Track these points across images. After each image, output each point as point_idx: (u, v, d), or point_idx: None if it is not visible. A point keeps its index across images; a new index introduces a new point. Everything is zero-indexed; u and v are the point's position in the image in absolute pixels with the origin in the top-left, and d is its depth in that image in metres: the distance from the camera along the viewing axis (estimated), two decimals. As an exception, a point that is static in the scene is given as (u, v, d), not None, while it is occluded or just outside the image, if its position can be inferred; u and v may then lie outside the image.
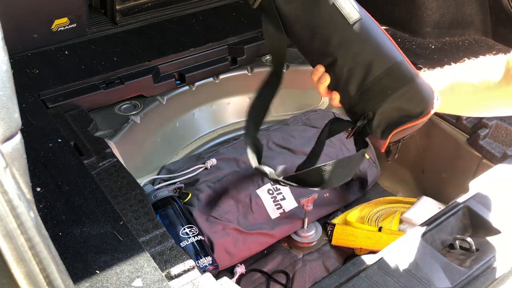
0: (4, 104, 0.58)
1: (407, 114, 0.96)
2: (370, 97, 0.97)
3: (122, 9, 2.06)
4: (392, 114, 0.97)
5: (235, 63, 1.97)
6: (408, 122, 0.96)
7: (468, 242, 1.16)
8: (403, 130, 0.97)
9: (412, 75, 0.96)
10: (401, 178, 1.93)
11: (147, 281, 0.99)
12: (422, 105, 0.96)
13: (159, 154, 1.83)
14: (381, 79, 0.95)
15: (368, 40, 0.97)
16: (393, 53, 0.96)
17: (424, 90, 0.96)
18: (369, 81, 0.96)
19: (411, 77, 0.95)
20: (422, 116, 0.96)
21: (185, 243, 1.42)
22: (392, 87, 0.95)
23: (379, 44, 0.97)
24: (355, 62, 0.97)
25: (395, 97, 0.95)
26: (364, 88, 0.97)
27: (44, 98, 1.62)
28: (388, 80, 0.95)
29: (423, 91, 0.96)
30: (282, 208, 1.64)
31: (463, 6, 1.93)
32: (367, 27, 0.97)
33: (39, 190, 1.20)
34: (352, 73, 0.97)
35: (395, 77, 0.95)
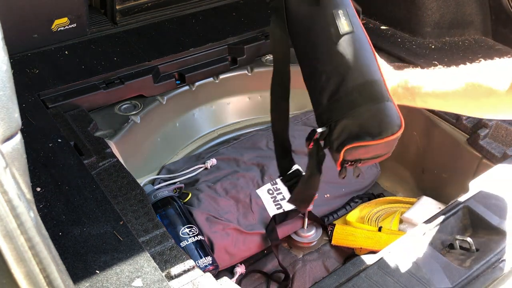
0: (4, 104, 0.58)
1: (366, 132, 0.95)
2: (337, 107, 0.97)
3: (122, 9, 2.06)
4: (352, 129, 0.96)
5: (235, 63, 1.97)
6: (363, 140, 0.95)
7: (468, 242, 1.16)
8: (358, 148, 0.97)
9: (383, 96, 0.96)
10: (401, 178, 1.93)
11: (147, 281, 0.99)
12: (383, 127, 0.95)
13: (159, 154, 1.83)
14: (352, 92, 0.96)
15: (350, 53, 0.98)
16: (371, 71, 0.98)
17: (391, 115, 0.96)
18: (341, 92, 0.97)
19: (381, 98, 0.96)
20: (379, 138, 0.95)
21: (185, 243, 1.42)
22: (359, 102, 0.96)
23: (360, 59, 0.98)
24: (333, 71, 0.98)
25: (359, 112, 0.96)
26: (335, 98, 0.97)
27: (44, 98, 1.62)
28: (358, 95, 0.96)
29: (389, 115, 0.96)
30: (282, 208, 1.64)
31: (463, 6, 1.93)
32: (355, 41, 0.99)
33: (39, 190, 1.20)
34: (328, 82, 0.98)
35: (366, 93, 0.96)
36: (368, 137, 0.95)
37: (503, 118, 1.50)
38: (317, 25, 1.01)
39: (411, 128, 1.83)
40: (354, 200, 1.81)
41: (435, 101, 1.03)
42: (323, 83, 0.99)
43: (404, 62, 1.84)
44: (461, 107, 1.02)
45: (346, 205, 1.79)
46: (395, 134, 0.96)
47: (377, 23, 2.07)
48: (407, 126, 1.98)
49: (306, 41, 1.04)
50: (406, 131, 1.95)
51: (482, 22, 1.95)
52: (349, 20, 0.99)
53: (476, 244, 1.16)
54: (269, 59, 2.02)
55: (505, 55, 0.98)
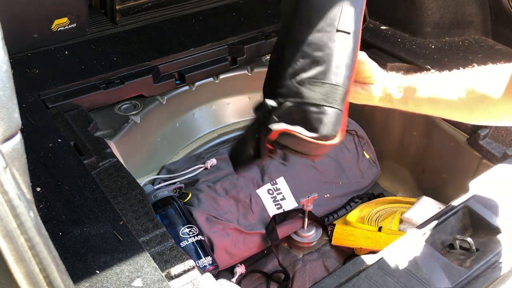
0: (4, 104, 0.58)
1: (306, 126, 0.97)
2: (296, 90, 0.98)
3: (122, 9, 2.06)
4: (296, 116, 0.98)
5: (235, 63, 1.97)
6: (299, 133, 0.97)
7: (468, 242, 1.16)
8: (291, 136, 0.98)
9: (337, 104, 0.98)
10: (401, 178, 1.93)
11: (147, 281, 0.99)
12: (321, 129, 0.97)
13: (159, 154, 1.83)
14: (314, 84, 0.97)
15: (334, 52, 0.98)
16: (343, 76, 0.99)
17: (333, 123, 0.98)
18: (307, 79, 0.98)
19: (335, 104, 0.98)
20: (312, 137, 0.97)
21: (185, 243, 1.42)
22: (316, 98, 0.97)
23: (339, 61, 0.99)
24: (311, 58, 0.98)
25: (310, 106, 0.97)
26: (299, 81, 0.98)
27: (44, 98, 1.62)
28: (319, 90, 0.97)
29: (332, 122, 0.98)
30: (282, 208, 1.64)
31: (463, 6, 1.93)
32: (344, 43, 0.99)
33: (39, 190, 1.20)
34: (301, 64, 0.99)
35: (325, 93, 0.97)
36: (305, 132, 0.97)
37: (496, 125, 1.50)
38: (325, 6, 1.00)
39: (411, 128, 1.83)
40: (354, 200, 1.81)
41: (428, 106, 1.03)
42: (296, 61, 1.00)
43: (404, 62, 1.84)
44: (454, 112, 1.02)
45: (346, 205, 1.79)
46: (327, 141, 0.98)
47: (377, 23, 2.07)
48: (407, 126, 1.98)
49: (305, 15, 1.03)
50: (406, 131, 1.97)
51: (482, 22, 1.95)
52: (353, 21, 0.99)
53: (476, 244, 1.16)
54: (269, 58, 2.02)
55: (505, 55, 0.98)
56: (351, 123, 1.91)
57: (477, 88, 0.95)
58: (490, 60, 1.04)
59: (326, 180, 1.77)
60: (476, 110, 0.97)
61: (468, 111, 0.99)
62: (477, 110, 0.97)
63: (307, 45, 1.01)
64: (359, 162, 1.85)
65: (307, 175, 1.74)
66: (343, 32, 0.98)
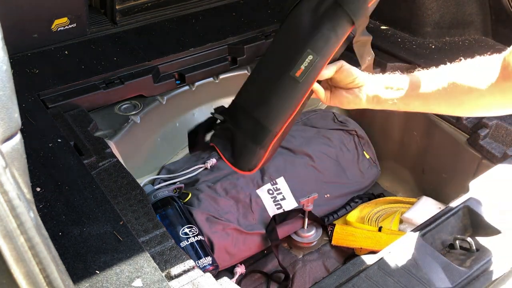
0: (4, 104, 0.58)
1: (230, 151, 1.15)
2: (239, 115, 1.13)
3: (122, 9, 2.06)
4: (228, 138, 1.15)
5: (235, 63, 1.97)
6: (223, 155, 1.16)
7: (468, 242, 1.16)
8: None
9: (261, 144, 1.11)
10: (401, 178, 1.93)
11: (147, 281, 0.99)
12: (240, 161, 1.15)
13: (159, 154, 1.83)
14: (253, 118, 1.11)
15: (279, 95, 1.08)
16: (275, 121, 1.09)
17: (251, 159, 1.13)
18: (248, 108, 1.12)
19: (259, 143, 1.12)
20: (231, 163, 1.16)
21: (185, 243, 1.42)
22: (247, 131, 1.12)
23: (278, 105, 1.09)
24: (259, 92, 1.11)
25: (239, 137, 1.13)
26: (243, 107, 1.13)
27: (44, 98, 1.62)
28: (252, 126, 1.11)
29: (250, 158, 1.13)
30: (282, 208, 1.64)
31: (463, 6, 1.93)
32: (291, 89, 1.07)
33: (39, 190, 1.20)
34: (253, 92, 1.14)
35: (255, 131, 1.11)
36: (227, 156, 1.15)
37: (485, 115, 1.50)
38: (289, 46, 1.08)
39: (411, 128, 1.83)
40: (354, 200, 1.81)
41: (417, 103, 1.05)
42: (249, 94, 1.14)
43: (404, 62, 1.84)
44: (444, 106, 1.04)
45: (346, 205, 1.79)
46: (242, 171, 1.17)
47: (377, 23, 2.07)
48: (407, 127, 1.99)
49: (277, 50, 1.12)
50: (406, 131, 1.97)
51: (482, 22, 1.95)
52: (307, 70, 1.05)
53: (476, 244, 1.16)
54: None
55: (505, 55, 0.99)
56: (351, 123, 1.91)
57: (464, 81, 0.97)
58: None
59: (326, 180, 1.77)
60: (466, 103, 0.99)
61: (458, 104, 1.00)
62: (466, 102, 0.99)
63: (261, 83, 1.12)
64: (359, 162, 1.85)
65: (307, 175, 1.74)
66: (292, 79, 1.05)
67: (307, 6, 1.07)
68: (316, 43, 1.04)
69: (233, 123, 1.13)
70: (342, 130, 1.87)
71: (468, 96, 0.97)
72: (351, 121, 1.93)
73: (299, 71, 1.04)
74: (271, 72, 1.09)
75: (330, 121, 1.91)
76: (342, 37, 1.07)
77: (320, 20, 1.05)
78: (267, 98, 1.08)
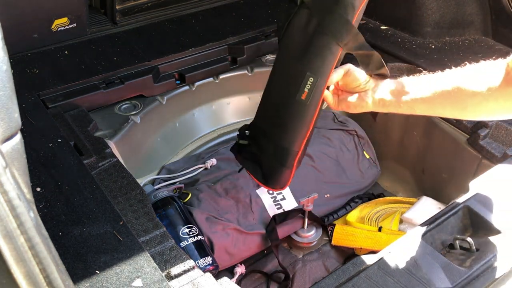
0: (4, 104, 0.58)
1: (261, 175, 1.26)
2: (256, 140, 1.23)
3: (122, 9, 2.06)
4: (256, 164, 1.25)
5: (235, 63, 1.97)
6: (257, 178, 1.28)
7: (468, 242, 1.16)
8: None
9: (287, 164, 1.20)
10: (401, 178, 1.93)
11: (147, 281, 0.99)
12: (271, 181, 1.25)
13: (159, 154, 1.83)
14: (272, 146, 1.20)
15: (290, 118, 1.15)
16: (294, 141, 1.16)
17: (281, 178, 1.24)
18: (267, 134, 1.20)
19: (285, 164, 1.21)
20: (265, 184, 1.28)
21: (185, 243, 1.42)
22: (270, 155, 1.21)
23: (293, 127, 1.15)
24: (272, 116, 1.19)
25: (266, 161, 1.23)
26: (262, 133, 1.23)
27: (44, 98, 1.62)
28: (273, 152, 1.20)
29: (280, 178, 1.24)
30: (282, 208, 1.64)
31: (463, 6, 1.93)
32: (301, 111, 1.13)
33: (39, 190, 1.20)
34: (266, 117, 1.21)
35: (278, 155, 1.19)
36: (258, 178, 1.27)
37: (489, 119, 1.51)
38: (290, 69, 1.12)
39: (411, 128, 1.83)
40: (354, 200, 1.81)
41: (422, 106, 1.05)
42: (264, 118, 1.21)
43: (404, 62, 1.84)
44: (448, 110, 1.04)
45: (346, 205, 1.79)
46: (274, 189, 1.37)
47: (377, 23, 2.07)
48: (407, 127, 1.98)
49: (279, 73, 1.17)
50: (406, 131, 1.97)
51: (482, 22, 1.95)
52: (311, 92, 1.08)
53: (476, 244, 1.16)
54: (269, 59, 2.02)
55: (505, 55, 0.99)
56: (351, 123, 1.91)
57: (468, 85, 0.97)
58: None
59: (326, 180, 1.77)
60: (469, 107, 0.99)
61: (462, 108, 1.01)
62: (470, 106, 0.99)
63: (273, 108, 1.17)
64: (359, 162, 1.85)
65: (307, 175, 1.74)
66: (300, 102, 1.09)
67: (297, 24, 1.09)
68: (313, 65, 1.06)
69: (257, 148, 1.21)
70: (342, 130, 1.87)
71: (472, 100, 0.97)
72: (351, 121, 1.93)
73: (304, 95, 1.08)
74: (279, 97, 1.14)
75: (330, 121, 1.91)
76: (337, 53, 1.07)
77: (311, 40, 1.06)
78: (282, 123, 1.14)
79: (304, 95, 1.07)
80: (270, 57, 2.03)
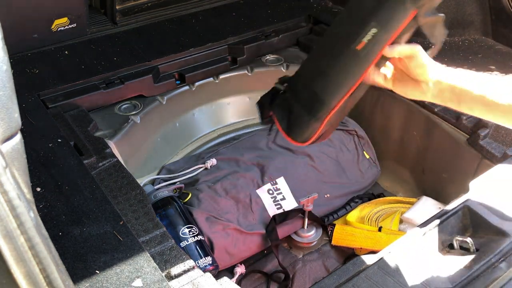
0: (4, 104, 0.58)
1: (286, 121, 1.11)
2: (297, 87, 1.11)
3: (122, 9, 2.06)
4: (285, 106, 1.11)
5: (235, 63, 1.97)
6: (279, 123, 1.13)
7: (468, 242, 1.16)
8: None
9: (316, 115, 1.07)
10: (401, 178, 1.93)
11: (147, 281, 0.99)
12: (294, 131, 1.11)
13: (159, 154, 1.83)
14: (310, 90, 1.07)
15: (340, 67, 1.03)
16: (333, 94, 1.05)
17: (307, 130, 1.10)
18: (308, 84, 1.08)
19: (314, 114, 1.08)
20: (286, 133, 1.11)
21: (185, 243, 1.42)
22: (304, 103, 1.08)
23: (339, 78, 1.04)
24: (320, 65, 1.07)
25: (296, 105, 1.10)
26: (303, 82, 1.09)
27: (44, 98, 1.62)
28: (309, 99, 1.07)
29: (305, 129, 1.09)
30: (282, 208, 1.64)
31: (463, 6, 1.93)
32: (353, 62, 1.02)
33: (39, 190, 1.20)
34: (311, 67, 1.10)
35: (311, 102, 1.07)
36: (283, 126, 1.12)
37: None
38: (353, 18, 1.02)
39: (411, 128, 1.83)
40: (354, 200, 1.81)
41: (481, 108, 0.98)
42: (311, 61, 1.10)
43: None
44: (509, 117, 0.95)
45: (346, 205, 1.79)
46: (295, 142, 1.12)
47: (377, 23, 2.07)
48: (407, 127, 1.98)
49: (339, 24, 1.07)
50: (406, 131, 1.96)
51: (482, 22, 1.95)
52: (369, 44, 0.98)
53: (476, 244, 1.16)
54: (269, 59, 2.02)
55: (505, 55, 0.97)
56: (351, 123, 1.91)
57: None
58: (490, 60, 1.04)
59: (326, 180, 1.77)
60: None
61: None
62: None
63: (321, 56, 1.08)
64: (359, 162, 1.85)
65: (307, 175, 1.74)
66: (355, 51, 0.99)
67: None
68: (381, 15, 0.97)
69: (292, 94, 1.10)
70: (342, 130, 1.87)
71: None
72: (351, 121, 1.93)
73: (361, 45, 0.97)
74: (332, 46, 1.04)
75: (330, 121, 1.91)
76: (410, 12, 0.99)
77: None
78: (326, 71, 1.03)
79: (361, 46, 0.97)
80: (270, 57, 2.03)
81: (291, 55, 2.05)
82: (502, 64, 1.77)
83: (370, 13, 0.98)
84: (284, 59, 2.02)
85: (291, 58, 2.02)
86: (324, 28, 2.10)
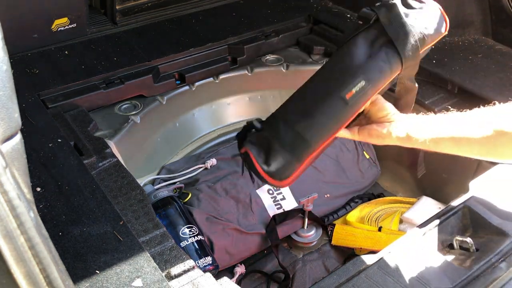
0: (4, 104, 0.58)
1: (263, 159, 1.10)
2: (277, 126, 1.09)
3: (122, 9, 2.06)
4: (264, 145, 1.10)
5: (235, 63, 1.97)
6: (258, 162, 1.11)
7: (468, 242, 1.16)
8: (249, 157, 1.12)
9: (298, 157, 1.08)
10: (401, 178, 1.93)
11: (147, 281, 0.99)
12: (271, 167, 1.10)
13: (159, 154, 1.83)
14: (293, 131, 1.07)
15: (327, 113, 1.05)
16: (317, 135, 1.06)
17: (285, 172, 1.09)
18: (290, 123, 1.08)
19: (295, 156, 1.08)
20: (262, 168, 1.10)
21: (185, 243, 1.42)
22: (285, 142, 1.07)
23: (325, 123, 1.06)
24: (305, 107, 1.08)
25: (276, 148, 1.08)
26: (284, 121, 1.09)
27: (44, 98, 1.62)
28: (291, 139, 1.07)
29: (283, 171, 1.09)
30: (282, 208, 1.64)
31: (463, 6, 1.93)
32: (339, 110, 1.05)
33: (39, 190, 1.20)
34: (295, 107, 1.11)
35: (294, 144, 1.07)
36: (260, 161, 1.10)
37: None
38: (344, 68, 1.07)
39: (411, 128, 1.83)
40: (354, 200, 1.81)
41: (449, 144, 1.03)
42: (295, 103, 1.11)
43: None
44: (476, 148, 0.99)
45: (346, 205, 1.79)
46: (273, 181, 1.11)
47: (377, 23, 2.07)
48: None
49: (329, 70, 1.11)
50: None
51: (482, 22, 1.95)
52: (357, 95, 1.04)
53: (476, 244, 1.16)
54: (269, 59, 2.02)
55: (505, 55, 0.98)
56: (351, 123, 1.91)
57: (499, 125, 0.92)
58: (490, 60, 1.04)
59: (326, 180, 1.77)
60: (500, 145, 0.94)
61: (492, 146, 0.96)
62: (501, 145, 0.94)
63: (308, 99, 1.10)
64: (359, 162, 1.85)
65: (307, 175, 1.74)
66: (341, 100, 1.04)
67: (365, 37, 1.08)
68: (370, 72, 1.04)
69: (271, 133, 1.10)
70: (342, 130, 1.87)
71: (501, 138, 0.92)
72: (351, 121, 1.92)
73: (349, 94, 1.03)
74: (321, 89, 1.08)
75: (330, 121, 1.91)
76: (394, 73, 1.07)
77: (376, 53, 1.06)
78: (313, 113, 1.07)
79: (350, 95, 1.03)
80: (270, 57, 2.03)
81: (291, 55, 2.05)
82: (502, 64, 1.77)
83: (361, 68, 1.05)
84: (284, 59, 2.02)
85: (291, 58, 2.02)
86: (324, 28, 2.10)
